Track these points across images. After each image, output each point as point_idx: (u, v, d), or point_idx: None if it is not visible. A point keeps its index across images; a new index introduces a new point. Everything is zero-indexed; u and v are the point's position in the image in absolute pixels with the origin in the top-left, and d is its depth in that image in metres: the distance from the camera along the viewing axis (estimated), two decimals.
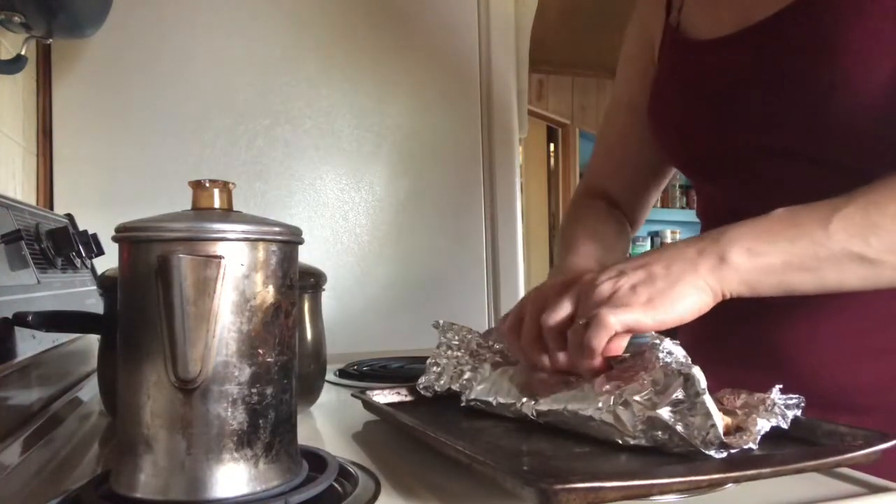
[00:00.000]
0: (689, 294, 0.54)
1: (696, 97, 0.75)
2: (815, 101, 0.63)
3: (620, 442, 0.52)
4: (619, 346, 0.56)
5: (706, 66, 0.74)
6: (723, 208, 0.77)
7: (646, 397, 0.51)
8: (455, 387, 0.70)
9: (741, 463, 0.47)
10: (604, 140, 0.96)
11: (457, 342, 0.74)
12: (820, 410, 0.58)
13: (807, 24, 0.64)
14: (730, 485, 0.47)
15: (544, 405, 0.59)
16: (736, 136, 0.72)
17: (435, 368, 0.72)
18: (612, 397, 0.52)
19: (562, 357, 0.59)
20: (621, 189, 0.91)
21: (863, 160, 0.63)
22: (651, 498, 0.45)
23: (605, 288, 0.56)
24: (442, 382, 0.71)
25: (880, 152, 0.62)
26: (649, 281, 0.55)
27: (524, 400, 0.61)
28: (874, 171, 0.58)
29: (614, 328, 0.53)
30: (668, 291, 0.54)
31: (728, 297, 0.56)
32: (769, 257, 0.54)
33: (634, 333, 0.56)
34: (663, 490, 0.43)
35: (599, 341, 0.54)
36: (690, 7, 0.79)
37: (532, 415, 0.60)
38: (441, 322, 0.77)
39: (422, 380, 0.72)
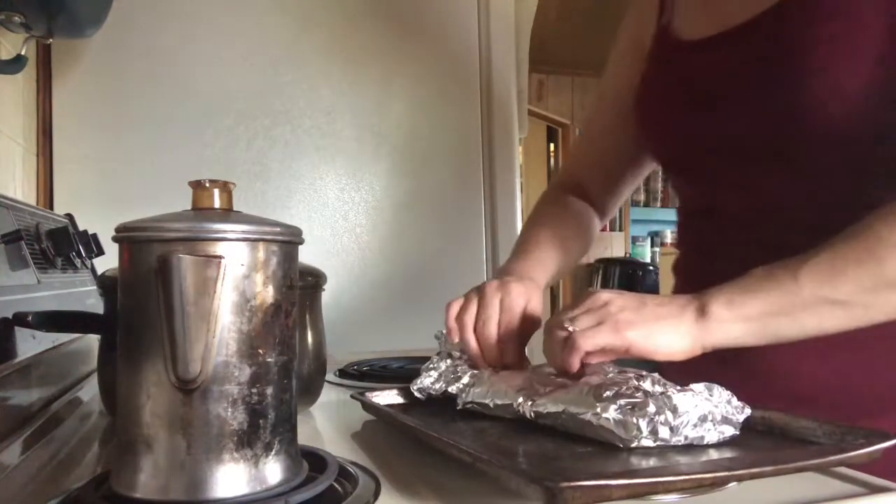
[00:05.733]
0: (668, 333, 0.59)
1: (680, 96, 0.78)
2: (772, 96, 0.67)
3: (621, 445, 0.52)
4: (600, 358, 0.62)
5: (690, 65, 0.77)
6: (700, 207, 0.80)
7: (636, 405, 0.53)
8: (452, 390, 0.69)
9: (743, 462, 0.47)
10: (588, 131, 1.01)
11: (458, 352, 0.74)
12: (788, 403, 0.62)
13: (777, 32, 0.68)
14: (732, 483, 0.47)
15: (542, 407, 0.59)
16: (707, 131, 0.75)
17: (432, 373, 0.72)
18: (612, 405, 0.53)
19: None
20: (597, 179, 0.95)
21: (829, 162, 0.67)
22: (654, 496, 0.45)
23: (587, 320, 0.61)
24: (439, 386, 0.71)
25: (846, 154, 0.66)
26: (638, 308, 0.60)
27: (520, 400, 0.61)
28: (842, 174, 0.66)
29: (583, 350, 0.59)
30: (651, 323, 0.59)
31: (708, 349, 0.60)
32: (746, 308, 0.59)
33: (609, 354, 0.61)
34: (668, 488, 0.43)
35: (573, 362, 0.60)
36: (681, 8, 0.82)
37: (530, 415, 0.60)
38: (444, 333, 0.76)
39: (417, 382, 0.71)
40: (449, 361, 0.73)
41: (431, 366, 0.73)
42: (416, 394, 0.71)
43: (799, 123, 0.66)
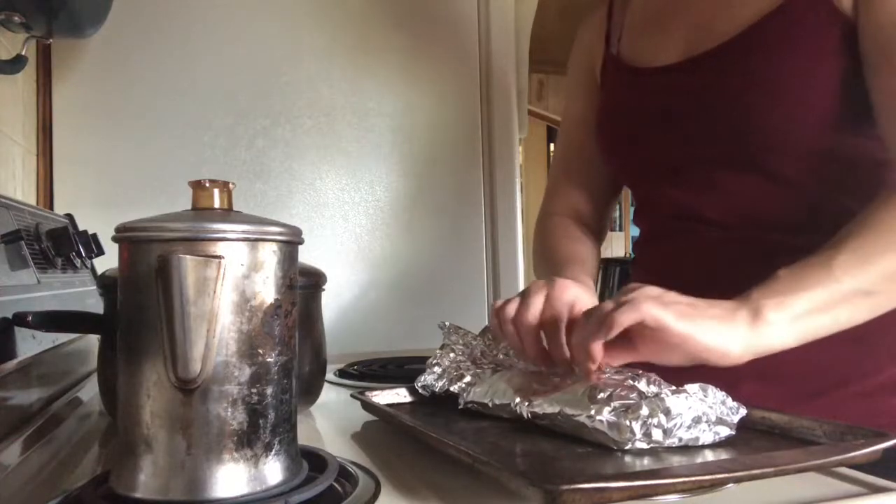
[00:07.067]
0: (723, 333, 0.56)
1: (641, 115, 0.83)
2: (742, 120, 0.73)
3: (615, 448, 0.52)
4: (621, 359, 0.59)
5: (651, 88, 0.82)
6: (666, 214, 0.84)
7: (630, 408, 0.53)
8: (454, 389, 0.70)
9: (744, 463, 0.47)
10: (561, 154, 1.04)
11: (461, 346, 0.74)
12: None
13: (741, 59, 0.74)
14: (731, 484, 0.47)
15: (539, 407, 0.59)
16: (677, 148, 0.79)
17: (436, 369, 0.72)
18: (606, 408, 0.53)
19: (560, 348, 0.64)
20: (584, 199, 0.98)
21: (797, 171, 0.73)
22: (654, 498, 0.45)
23: (654, 290, 0.58)
24: (441, 383, 0.71)
25: (800, 163, 0.73)
26: (692, 305, 0.58)
27: (518, 400, 0.61)
28: (810, 181, 0.73)
29: (644, 315, 0.55)
30: (706, 319, 0.56)
31: (758, 355, 0.58)
32: (795, 308, 0.59)
33: (655, 339, 0.57)
34: (668, 490, 0.43)
35: (624, 319, 0.55)
36: (630, 39, 0.88)
37: (527, 416, 0.60)
38: (447, 324, 0.77)
39: (421, 378, 0.72)
40: (452, 356, 0.73)
41: (435, 361, 0.73)
42: (420, 390, 0.72)
43: (766, 140, 0.72)
